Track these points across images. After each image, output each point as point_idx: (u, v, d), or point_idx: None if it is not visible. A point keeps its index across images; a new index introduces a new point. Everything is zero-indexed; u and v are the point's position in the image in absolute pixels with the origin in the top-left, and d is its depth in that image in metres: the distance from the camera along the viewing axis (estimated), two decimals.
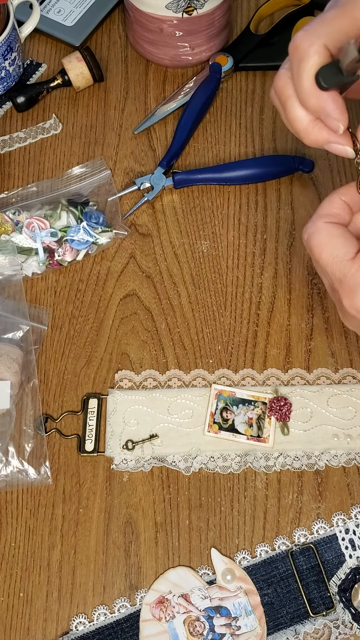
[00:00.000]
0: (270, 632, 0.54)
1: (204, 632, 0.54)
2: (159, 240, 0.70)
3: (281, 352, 0.64)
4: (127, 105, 0.78)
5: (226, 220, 0.71)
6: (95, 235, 0.68)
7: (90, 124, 0.77)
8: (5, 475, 0.59)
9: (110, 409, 0.61)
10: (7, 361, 0.61)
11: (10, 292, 0.66)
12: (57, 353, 0.65)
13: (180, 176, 0.71)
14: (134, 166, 0.74)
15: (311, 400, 0.61)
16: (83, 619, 0.55)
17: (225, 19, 0.78)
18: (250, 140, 0.75)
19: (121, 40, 0.83)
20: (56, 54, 0.83)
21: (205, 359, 0.64)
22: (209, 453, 0.60)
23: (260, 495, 0.59)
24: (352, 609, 0.54)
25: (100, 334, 0.65)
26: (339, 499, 0.58)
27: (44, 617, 0.55)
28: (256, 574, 0.56)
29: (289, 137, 0.75)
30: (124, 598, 0.55)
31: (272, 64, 0.78)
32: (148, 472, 0.59)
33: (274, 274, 0.68)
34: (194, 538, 0.57)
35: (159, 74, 0.80)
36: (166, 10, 0.72)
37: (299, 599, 0.55)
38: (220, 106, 0.78)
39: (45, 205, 0.70)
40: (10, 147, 0.76)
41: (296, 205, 0.71)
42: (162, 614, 0.54)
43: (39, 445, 0.60)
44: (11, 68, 0.77)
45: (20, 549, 0.57)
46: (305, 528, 0.57)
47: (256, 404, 0.61)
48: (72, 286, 0.68)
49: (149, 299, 0.67)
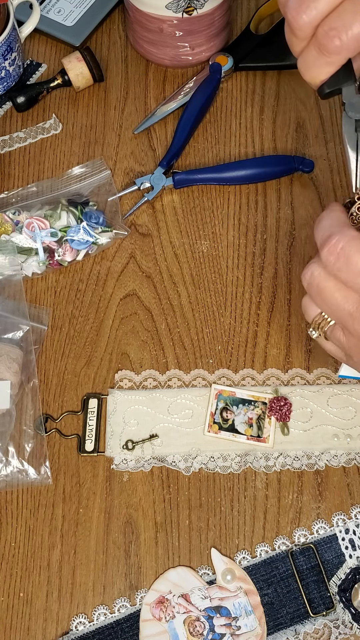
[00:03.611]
0: (270, 632, 0.54)
1: (204, 632, 0.54)
2: (159, 240, 0.70)
3: (281, 352, 0.64)
4: (127, 105, 0.78)
5: (226, 220, 0.71)
6: (95, 235, 0.68)
7: (90, 124, 0.77)
8: (5, 475, 0.59)
9: (110, 409, 0.61)
10: (7, 361, 0.61)
11: (10, 292, 0.66)
12: (57, 353, 0.65)
13: (180, 176, 0.71)
14: (134, 166, 0.74)
15: (311, 400, 0.61)
16: (83, 619, 0.55)
17: (225, 19, 0.78)
18: (250, 140, 0.75)
19: (121, 40, 0.83)
20: (56, 54, 0.83)
21: (205, 359, 0.64)
22: (209, 453, 0.60)
23: (260, 495, 0.59)
24: (352, 609, 0.54)
25: (100, 334, 0.65)
26: (339, 499, 0.58)
27: (44, 617, 0.55)
28: (256, 574, 0.56)
29: (289, 137, 0.75)
30: (124, 598, 0.55)
31: (272, 64, 0.79)
32: (148, 472, 0.59)
33: (274, 274, 0.68)
34: (194, 538, 0.57)
35: (159, 74, 0.80)
36: (166, 10, 0.72)
37: (299, 599, 0.55)
38: (220, 106, 0.78)
39: (45, 205, 0.70)
40: (10, 147, 0.76)
41: (296, 205, 0.71)
42: (162, 614, 0.54)
43: (39, 445, 0.60)
44: (11, 68, 0.77)
45: (20, 549, 0.57)
46: (305, 528, 0.57)
47: (256, 404, 0.61)
48: (72, 286, 0.68)
49: (149, 299, 0.67)
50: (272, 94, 0.78)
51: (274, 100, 0.78)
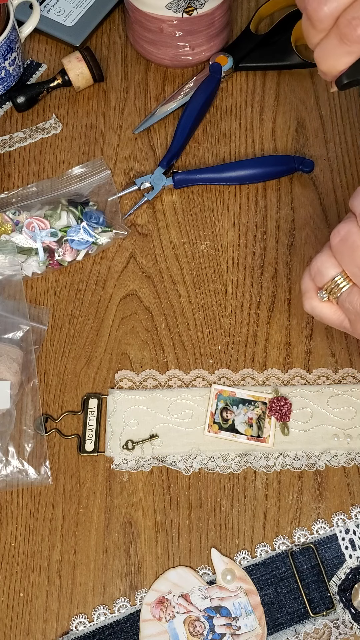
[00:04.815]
0: (270, 632, 0.54)
1: (204, 632, 0.54)
2: (159, 240, 0.70)
3: (281, 352, 0.64)
4: (127, 105, 0.78)
5: (226, 220, 0.71)
6: (95, 235, 0.68)
7: (90, 124, 0.77)
8: (5, 475, 0.59)
9: (110, 409, 0.61)
10: (7, 361, 0.61)
11: (10, 292, 0.66)
12: (57, 353, 0.65)
13: (180, 176, 0.71)
14: (134, 166, 0.74)
15: (311, 400, 0.61)
16: (83, 619, 0.55)
17: (225, 19, 0.78)
18: (250, 140, 0.75)
19: (121, 40, 0.83)
20: (56, 54, 0.83)
21: (205, 359, 0.64)
22: (209, 453, 0.60)
23: (260, 495, 0.58)
24: (352, 609, 0.54)
25: (100, 334, 0.65)
26: (339, 499, 0.58)
27: (44, 617, 0.55)
28: (256, 574, 0.56)
29: (289, 137, 0.75)
30: (124, 598, 0.55)
31: (272, 64, 0.79)
32: (148, 472, 0.59)
33: (274, 274, 0.68)
34: (194, 538, 0.57)
35: (159, 74, 0.80)
36: (166, 10, 0.72)
37: (299, 599, 0.55)
38: (220, 106, 0.78)
39: (45, 205, 0.70)
40: (10, 147, 0.76)
41: (296, 205, 0.71)
42: (162, 614, 0.54)
43: (39, 445, 0.60)
44: (11, 68, 0.77)
45: (20, 549, 0.57)
46: (305, 528, 0.57)
47: (256, 404, 0.61)
48: (72, 286, 0.68)
49: (149, 299, 0.67)
50: (272, 94, 0.78)
51: (274, 100, 0.78)
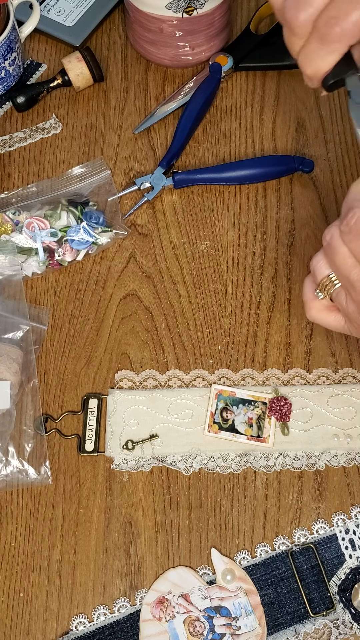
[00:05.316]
0: (270, 632, 0.54)
1: (204, 632, 0.54)
2: (159, 240, 0.70)
3: (281, 352, 0.64)
4: (127, 105, 0.78)
5: (226, 220, 0.71)
6: (95, 235, 0.68)
7: (90, 124, 0.77)
8: (5, 475, 0.59)
9: (110, 409, 0.61)
10: (7, 361, 0.61)
11: (10, 292, 0.66)
12: (57, 353, 0.65)
13: (180, 176, 0.71)
14: (134, 166, 0.74)
15: (311, 400, 0.61)
16: (83, 619, 0.55)
17: (225, 19, 0.78)
18: (250, 140, 0.75)
19: (121, 40, 0.83)
20: (56, 54, 0.83)
21: (205, 359, 0.64)
22: (209, 453, 0.60)
23: (260, 495, 0.58)
24: (352, 609, 0.54)
25: (100, 334, 0.65)
26: (339, 499, 0.58)
27: (44, 617, 0.55)
28: (256, 574, 0.56)
29: (289, 137, 0.75)
30: (124, 598, 0.55)
31: (272, 64, 0.79)
32: (148, 472, 0.59)
33: (274, 274, 0.68)
34: (194, 538, 0.57)
35: (159, 74, 0.80)
36: (166, 10, 0.72)
37: (299, 599, 0.55)
38: (220, 106, 0.78)
39: (45, 205, 0.70)
40: (10, 147, 0.76)
41: (296, 205, 0.71)
42: (162, 614, 0.54)
43: (39, 445, 0.60)
44: (11, 68, 0.77)
45: (20, 549, 0.57)
46: (305, 528, 0.57)
47: (256, 404, 0.61)
48: (72, 286, 0.68)
49: (149, 299, 0.67)
50: (272, 94, 0.78)
51: (274, 100, 0.78)
